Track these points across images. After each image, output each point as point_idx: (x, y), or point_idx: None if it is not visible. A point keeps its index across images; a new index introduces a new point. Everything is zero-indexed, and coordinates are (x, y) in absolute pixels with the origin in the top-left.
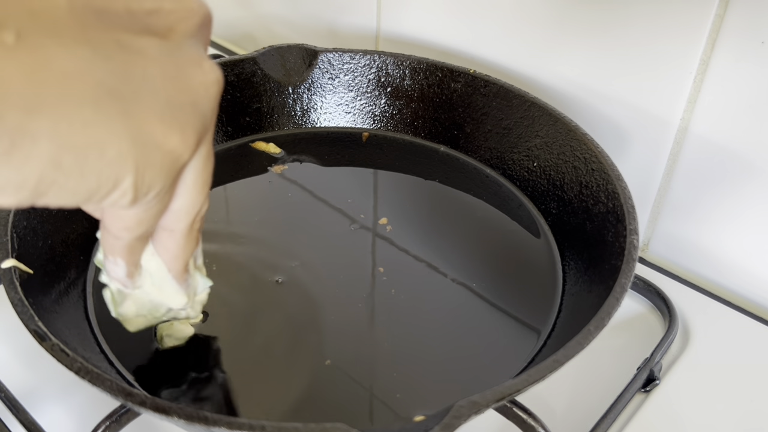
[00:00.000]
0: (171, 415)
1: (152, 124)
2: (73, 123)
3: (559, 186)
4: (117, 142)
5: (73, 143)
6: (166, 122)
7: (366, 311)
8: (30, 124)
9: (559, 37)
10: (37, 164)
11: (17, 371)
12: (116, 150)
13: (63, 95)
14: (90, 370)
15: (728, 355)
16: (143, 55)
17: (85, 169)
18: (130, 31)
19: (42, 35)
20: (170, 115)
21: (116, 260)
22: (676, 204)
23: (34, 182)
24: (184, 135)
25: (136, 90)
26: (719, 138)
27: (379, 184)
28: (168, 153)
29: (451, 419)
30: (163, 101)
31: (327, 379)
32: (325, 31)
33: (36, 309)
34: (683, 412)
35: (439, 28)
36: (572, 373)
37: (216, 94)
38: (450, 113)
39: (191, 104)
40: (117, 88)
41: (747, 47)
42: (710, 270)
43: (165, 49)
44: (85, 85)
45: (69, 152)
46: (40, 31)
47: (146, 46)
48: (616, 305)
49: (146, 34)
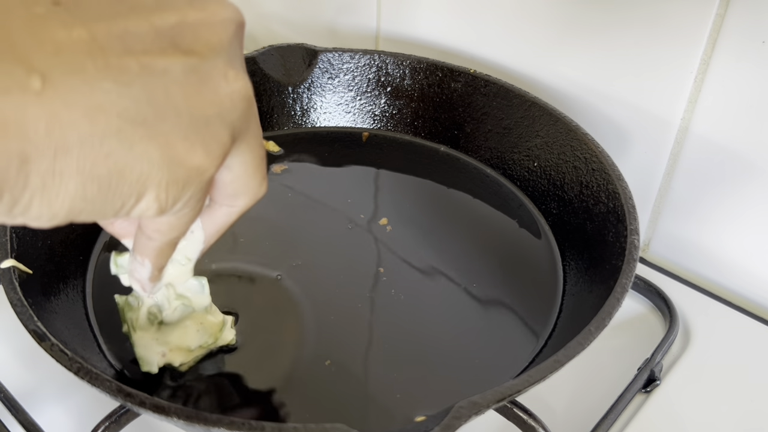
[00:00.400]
0: (170, 415)
1: (175, 143)
2: (97, 157)
3: (560, 186)
4: (139, 165)
5: (98, 174)
6: (189, 139)
7: (366, 311)
8: (58, 165)
9: (559, 36)
10: (66, 198)
11: (16, 371)
12: (138, 173)
13: (88, 133)
14: (89, 370)
15: (729, 356)
16: (166, 74)
17: (108, 194)
18: (154, 50)
19: (66, 74)
20: (194, 132)
21: (144, 261)
22: (676, 204)
23: (65, 213)
24: (208, 149)
25: (158, 113)
26: (720, 138)
27: (379, 184)
28: (192, 169)
29: (451, 420)
30: (186, 119)
31: (327, 379)
32: (325, 30)
33: (35, 309)
34: (684, 413)
35: (439, 27)
36: (573, 374)
37: (242, 102)
38: (450, 113)
39: (217, 116)
40: (140, 114)
41: (748, 47)
42: (711, 270)
43: (189, 66)
44: (108, 118)
45: (94, 183)
46: (64, 69)
47: (169, 64)
48: (616, 305)
49: (171, 50)
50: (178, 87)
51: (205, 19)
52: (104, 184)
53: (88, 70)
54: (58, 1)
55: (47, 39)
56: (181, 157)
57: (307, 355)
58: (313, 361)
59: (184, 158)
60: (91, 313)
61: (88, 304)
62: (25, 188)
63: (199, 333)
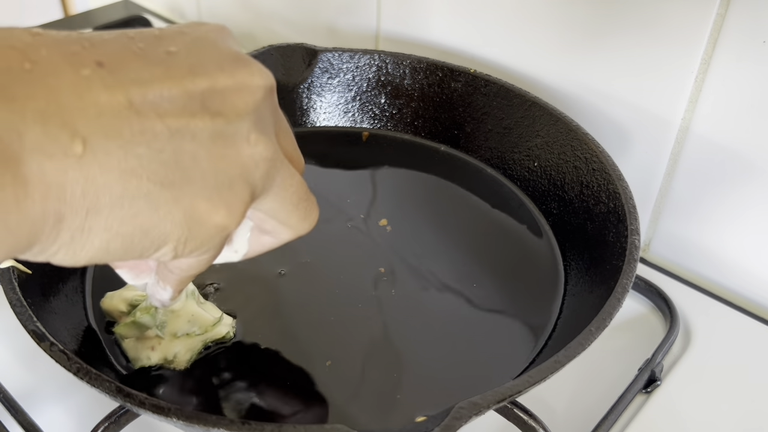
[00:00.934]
0: (170, 416)
1: (198, 204)
2: (125, 218)
3: (560, 186)
4: (161, 225)
5: (123, 232)
6: (212, 201)
7: (366, 311)
8: (87, 223)
9: (560, 36)
10: (89, 251)
11: (16, 372)
12: (159, 231)
13: (119, 195)
14: (88, 370)
15: (729, 356)
16: (194, 138)
17: (129, 248)
18: (185, 113)
19: (105, 138)
20: (217, 193)
21: (166, 287)
22: (677, 204)
23: (86, 261)
24: (230, 209)
25: (185, 175)
26: (720, 138)
27: (379, 183)
28: (213, 226)
29: (451, 420)
30: (211, 182)
31: (327, 379)
32: (324, 30)
33: (34, 309)
34: (685, 413)
35: (439, 27)
36: (573, 374)
37: (264, 162)
38: (450, 113)
39: (240, 176)
40: (168, 177)
41: (748, 47)
42: (712, 270)
43: (215, 129)
44: (140, 182)
45: (118, 239)
46: (104, 134)
47: (198, 128)
48: (617, 306)
49: (200, 113)
50: (204, 150)
51: (233, 85)
52: (127, 240)
53: (125, 135)
54: (101, 63)
55: (91, 102)
56: (204, 217)
57: (306, 355)
58: (313, 361)
59: (206, 218)
60: (90, 313)
61: (88, 304)
62: (55, 242)
63: (190, 323)
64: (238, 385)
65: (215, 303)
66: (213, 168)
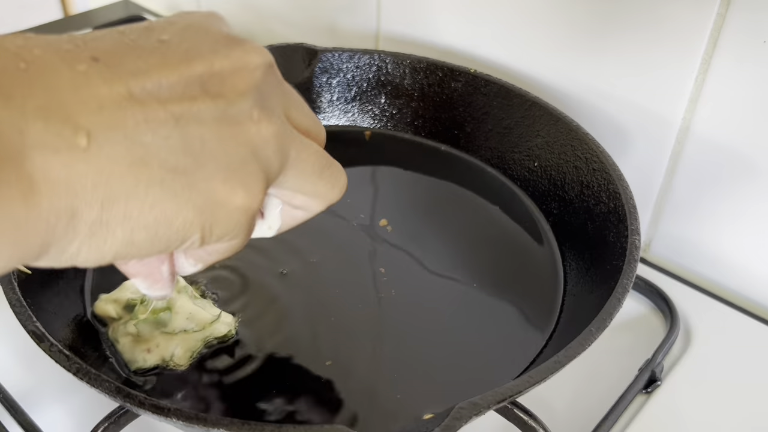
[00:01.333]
0: (170, 416)
1: (216, 187)
2: (143, 207)
3: (560, 186)
4: (183, 213)
5: (144, 224)
6: (228, 182)
7: (366, 311)
8: (105, 215)
9: (560, 36)
10: (113, 245)
11: (15, 372)
12: (182, 219)
13: (132, 185)
14: (88, 370)
15: (730, 356)
16: (199, 121)
17: (155, 240)
18: (185, 98)
19: (109, 129)
20: (232, 174)
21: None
22: (677, 204)
23: (112, 256)
24: (248, 188)
25: (196, 160)
26: (721, 138)
27: (379, 183)
28: (234, 209)
29: (451, 420)
30: (223, 163)
31: (327, 379)
32: (325, 30)
33: (34, 309)
34: (685, 413)
35: (439, 27)
36: (573, 374)
37: (273, 138)
38: (450, 112)
39: (251, 155)
40: (179, 163)
41: (749, 47)
42: (712, 270)
43: (218, 110)
44: (150, 170)
45: (141, 230)
46: (107, 126)
47: (201, 111)
48: (617, 306)
49: (201, 96)
50: (211, 133)
51: (230, 66)
52: (152, 230)
53: (129, 125)
54: (96, 57)
55: (90, 96)
56: (224, 200)
57: (307, 355)
58: (313, 361)
59: (226, 201)
60: (89, 313)
61: (87, 305)
62: (74, 240)
63: (188, 320)
64: (238, 385)
65: (217, 304)
66: (223, 150)
